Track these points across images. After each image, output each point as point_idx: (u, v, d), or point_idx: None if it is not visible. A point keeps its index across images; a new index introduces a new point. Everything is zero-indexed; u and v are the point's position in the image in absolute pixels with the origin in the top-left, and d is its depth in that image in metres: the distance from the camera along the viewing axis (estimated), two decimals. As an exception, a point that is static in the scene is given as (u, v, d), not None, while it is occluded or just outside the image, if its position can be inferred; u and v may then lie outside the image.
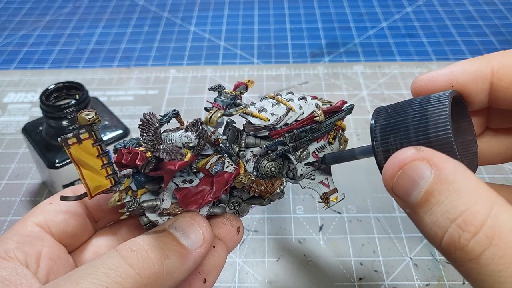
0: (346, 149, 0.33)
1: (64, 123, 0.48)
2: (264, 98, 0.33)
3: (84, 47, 0.86)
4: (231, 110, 0.30)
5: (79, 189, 0.33)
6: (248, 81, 0.33)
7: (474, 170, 0.29)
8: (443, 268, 0.46)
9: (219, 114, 0.29)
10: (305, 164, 0.33)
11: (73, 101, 0.48)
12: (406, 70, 0.75)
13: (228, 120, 0.33)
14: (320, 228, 0.51)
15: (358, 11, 0.94)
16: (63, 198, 0.29)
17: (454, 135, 0.24)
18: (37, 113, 0.68)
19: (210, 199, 0.29)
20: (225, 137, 0.32)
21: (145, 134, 0.26)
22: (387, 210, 0.52)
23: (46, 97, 0.48)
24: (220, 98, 0.30)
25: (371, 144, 0.27)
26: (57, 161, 0.48)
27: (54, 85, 0.50)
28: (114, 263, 0.24)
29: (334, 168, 0.57)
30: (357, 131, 0.63)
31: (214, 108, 0.30)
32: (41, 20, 0.95)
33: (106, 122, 0.52)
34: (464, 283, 0.45)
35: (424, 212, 0.22)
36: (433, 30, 0.87)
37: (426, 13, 0.92)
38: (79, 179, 0.29)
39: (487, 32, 0.85)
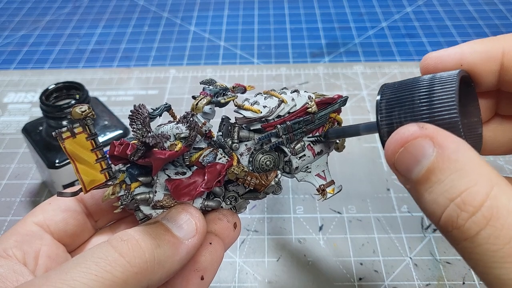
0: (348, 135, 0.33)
1: (64, 123, 0.48)
2: (258, 94, 0.33)
3: (84, 47, 0.86)
4: (219, 98, 0.30)
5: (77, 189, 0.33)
6: (248, 86, 0.33)
7: (477, 151, 0.29)
8: (443, 268, 0.46)
9: (205, 101, 0.30)
10: (308, 139, 0.33)
11: (73, 101, 0.48)
12: (406, 70, 0.75)
13: (224, 117, 0.33)
14: (320, 228, 0.51)
15: (358, 11, 0.94)
16: (60, 194, 0.30)
17: (460, 115, 0.23)
18: (37, 113, 0.68)
19: (202, 189, 0.30)
20: (220, 133, 0.33)
21: (134, 124, 0.27)
22: (387, 210, 0.52)
23: (46, 97, 0.48)
24: (209, 87, 0.30)
25: (375, 120, 0.27)
26: (57, 161, 0.48)
27: (54, 85, 0.50)
28: (104, 252, 0.24)
29: (334, 167, 0.57)
30: (357, 131, 0.63)
31: (201, 95, 0.30)
32: (41, 20, 0.95)
33: (106, 122, 0.52)
34: (464, 283, 0.45)
35: (424, 189, 0.22)
36: (433, 30, 0.87)
37: (426, 13, 0.92)
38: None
39: (487, 32, 0.85)
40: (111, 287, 0.23)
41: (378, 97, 0.27)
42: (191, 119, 0.29)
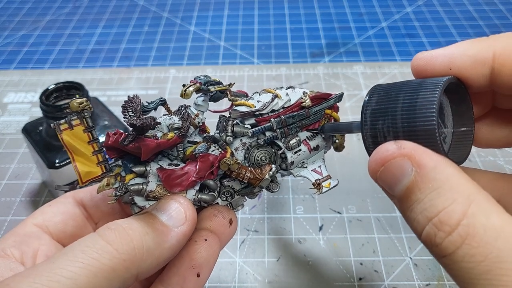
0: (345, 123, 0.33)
1: (64, 123, 0.48)
2: (254, 93, 0.34)
3: (84, 47, 0.86)
4: (209, 87, 0.31)
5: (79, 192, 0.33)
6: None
7: (465, 156, 0.29)
8: (443, 268, 0.46)
9: (193, 88, 0.30)
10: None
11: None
12: (406, 70, 0.75)
13: (221, 115, 0.33)
14: (320, 228, 0.51)
15: (358, 11, 0.94)
16: (57, 187, 0.30)
17: (454, 123, 0.23)
18: (37, 113, 0.68)
19: (194, 179, 0.30)
20: (217, 131, 0.33)
21: (126, 112, 0.27)
22: (387, 210, 0.52)
23: (46, 97, 0.48)
24: (200, 77, 0.31)
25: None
26: (57, 161, 0.48)
27: (54, 85, 0.50)
28: (91, 241, 0.25)
29: (334, 167, 0.57)
30: (357, 131, 0.63)
31: (190, 82, 0.30)
32: (41, 20, 0.95)
33: (106, 122, 0.52)
34: (464, 283, 0.45)
35: (405, 207, 0.23)
36: (433, 30, 0.87)
37: (426, 13, 0.92)
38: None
39: (487, 32, 0.85)
40: (98, 274, 0.23)
41: (366, 98, 0.27)
42: (184, 110, 0.30)
